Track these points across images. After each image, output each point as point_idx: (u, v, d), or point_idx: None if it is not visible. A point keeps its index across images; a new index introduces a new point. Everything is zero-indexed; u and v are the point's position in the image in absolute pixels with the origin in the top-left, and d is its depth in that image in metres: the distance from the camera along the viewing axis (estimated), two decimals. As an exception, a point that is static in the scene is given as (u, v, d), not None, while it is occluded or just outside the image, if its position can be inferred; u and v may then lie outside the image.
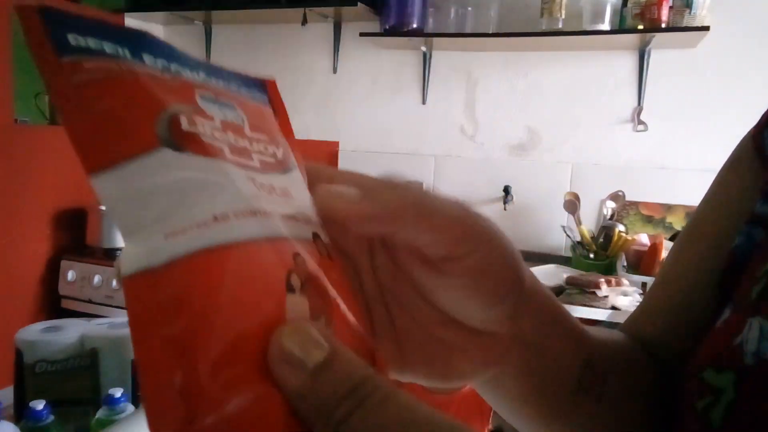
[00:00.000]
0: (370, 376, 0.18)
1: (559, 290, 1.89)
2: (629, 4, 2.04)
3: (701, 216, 0.40)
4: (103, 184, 0.17)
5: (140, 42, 0.19)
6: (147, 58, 0.19)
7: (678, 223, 2.20)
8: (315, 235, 0.22)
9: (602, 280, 1.81)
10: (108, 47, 0.18)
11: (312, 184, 0.24)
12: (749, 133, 0.37)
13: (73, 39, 0.17)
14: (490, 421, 0.67)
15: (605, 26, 2.07)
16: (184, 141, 0.18)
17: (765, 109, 0.36)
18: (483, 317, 0.27)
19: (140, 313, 0.16)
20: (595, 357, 0.34)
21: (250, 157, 0.21)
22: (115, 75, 0.18)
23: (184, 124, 0.19)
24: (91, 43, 0.18)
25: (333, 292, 0.21)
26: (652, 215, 2.25)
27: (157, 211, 0.17)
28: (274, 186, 0.21)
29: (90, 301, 2.38)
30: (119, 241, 2.46)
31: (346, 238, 0.25)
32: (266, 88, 0.25)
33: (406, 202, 0.23)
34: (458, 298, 0.27)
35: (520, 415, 0.33)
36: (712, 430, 0.29)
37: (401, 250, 0.26)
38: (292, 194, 0.22)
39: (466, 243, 0.25)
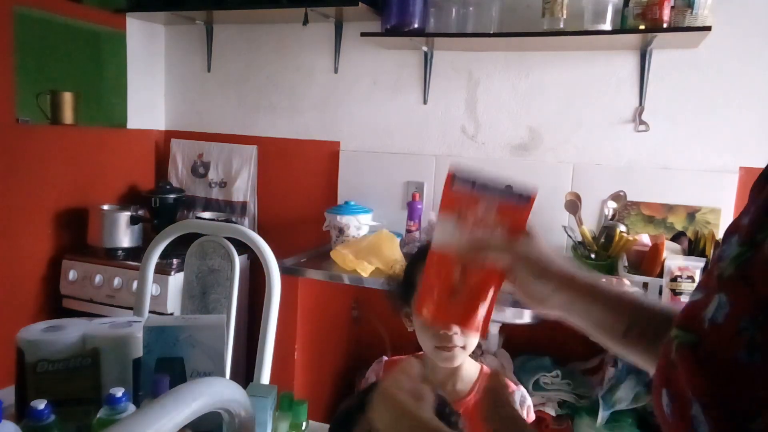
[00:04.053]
0: None
1: (560, 290, 1.88)
2: (631, 4, 2.03)
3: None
4: None
5: (471, 175, 0.67)
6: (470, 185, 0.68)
7: (679, 223, 2.19)
8: None
9: (603, 280, 1.80)
10: (465, 184, 0.68)
11: None
12: None
13: (458, 182, 0.67)
14: None
15: (607, 26, 2.07)
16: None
17: None
18: (538, 290, 0.65)
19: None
20: (640, 317, 0.61)
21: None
22: (473, 196, 0.69)
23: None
24: (462, 183, 0.67)
25: None
26: (654, 215, 2.25)
27: None
28: None
29: (91, 301, 2.38)
30: (120, 241, 2.47)
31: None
32: (531, 199, 0.64)
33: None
34: (522, 272, 0.65)
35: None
36: (669, 360, 0.42)
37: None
38: None
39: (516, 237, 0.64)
